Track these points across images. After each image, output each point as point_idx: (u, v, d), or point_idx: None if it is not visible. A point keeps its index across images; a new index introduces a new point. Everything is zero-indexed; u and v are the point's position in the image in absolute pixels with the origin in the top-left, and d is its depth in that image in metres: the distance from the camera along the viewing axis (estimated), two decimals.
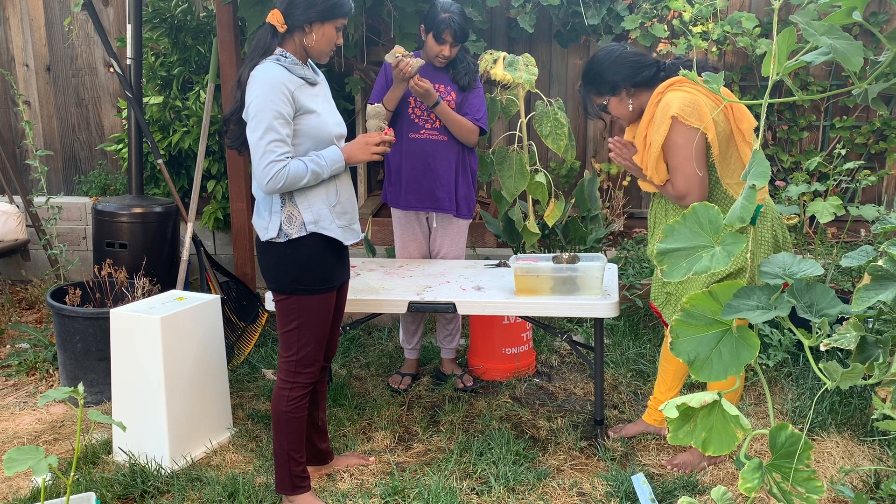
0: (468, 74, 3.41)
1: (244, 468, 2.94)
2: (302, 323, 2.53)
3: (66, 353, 3.51)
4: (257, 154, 2.37)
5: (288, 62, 2.45)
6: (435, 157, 3.41)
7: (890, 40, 1.63)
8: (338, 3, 2.46)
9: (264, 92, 2.36)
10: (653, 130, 2.69)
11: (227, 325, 3.80)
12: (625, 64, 2.74)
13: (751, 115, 2.72)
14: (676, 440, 1.54)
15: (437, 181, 3.43)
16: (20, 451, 1.78)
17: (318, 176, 2.44)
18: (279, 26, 2.45)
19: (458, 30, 3.27)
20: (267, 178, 2.37)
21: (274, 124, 2.36)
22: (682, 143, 2.61)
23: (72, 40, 5.27)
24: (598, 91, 2.81)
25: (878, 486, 2.66)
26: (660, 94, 2.71)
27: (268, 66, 2.42)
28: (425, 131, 3.40)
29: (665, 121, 2.62)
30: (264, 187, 2.40)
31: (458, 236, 3.59)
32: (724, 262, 1.49)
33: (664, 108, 2.64)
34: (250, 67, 2.45)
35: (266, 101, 2.36)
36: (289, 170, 2.38)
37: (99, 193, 5.27)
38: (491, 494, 2.75)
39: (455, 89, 3.41)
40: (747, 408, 3.35)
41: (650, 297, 3.02)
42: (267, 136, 2.36)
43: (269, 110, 2.35)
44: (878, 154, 4.66)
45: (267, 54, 2.46)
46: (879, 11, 4.50)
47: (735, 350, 1.53)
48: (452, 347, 3.72)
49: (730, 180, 2.70)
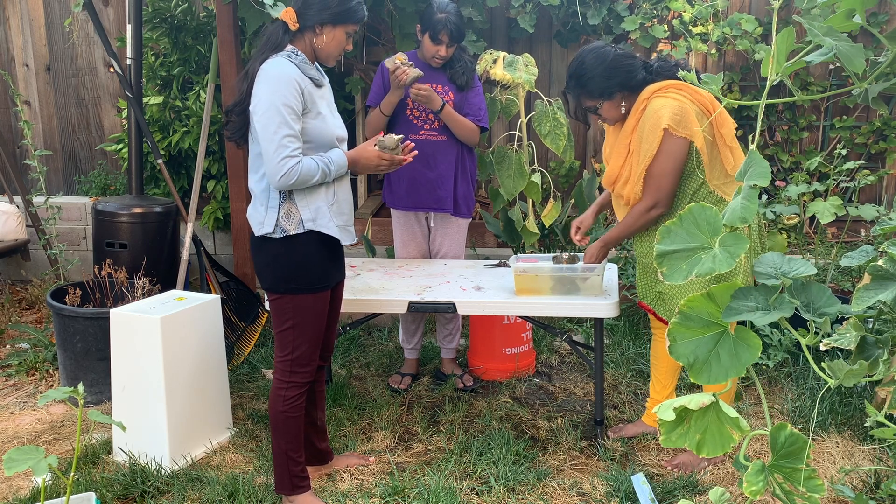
0: (466, 74, 3.40)
1: (244, 468, 2.94)
2: (297, 322, 2.53)
3: (66, 353, 3.51)
4: (271, 147, 2.35)
5: (299, 60, 2.45)
6: (435, 157, 3.41)
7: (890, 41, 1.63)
8: (351, 9, 2.47)
9: (278, 86, 2.35)
10: (641, 140, 2.69)
11: (227, 325, 3.80)
12: (620, 68, 2.73)
13: (731, 119, 2.74)
14: (669, 443, 1.53)
15: (437, 181, 3.43)
16: (20, 451, 1.78)
17: (325, 176, 2.45)
18: (291, 24, 2.45)
19: (454, 30, 3.27)
20: (280, 172, 2.35)
21: (287, 119, 2.35)
22: (669, 155, 2.64)
23: (72, 40, 5.27)
24: (591, 95, 2.79)
25: (878, 486, 2.66)
26: (645, 101, 2.72)
27: (280, 62, 2.41)
28: (424, 132, 3.40)
29: (657, 132, 2.63)
30: (276, 182, 2.38)
31: (458, 235, 3.59)
32: (727, 263, 1.47)
33: (654, 119, 2.64)
34: (260, 60, 2.44)
35: (279, 95, 2.34)
36: (301, 166, 2.38)
37: (99, 193, 5.27)
38: (491, 494, 2.75)
39: (453, 89, 3.41)
40: (747, 408, 3.35)
41: (638, 296, 3.03)
42: (281, 131, 2.34)
43: (281, 105, 2.34)
44: (878, 154, 4.66)
45: (277, 50, 2.46)
46: (879, 12, 4.50)
47: (734, 351, 1.52)
48: (452, 347, 3.72)
49: (717, 182, 2.73)
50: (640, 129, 2.70)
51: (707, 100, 2.71)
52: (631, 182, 2.76)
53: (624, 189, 2.81)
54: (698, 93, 2.70)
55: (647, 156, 2.66)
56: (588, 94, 2.79)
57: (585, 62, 2.77)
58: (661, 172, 2.67)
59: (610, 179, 2.88)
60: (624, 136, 2.79)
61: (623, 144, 2.80)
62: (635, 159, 2.74)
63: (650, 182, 2.70)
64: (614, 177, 2.85)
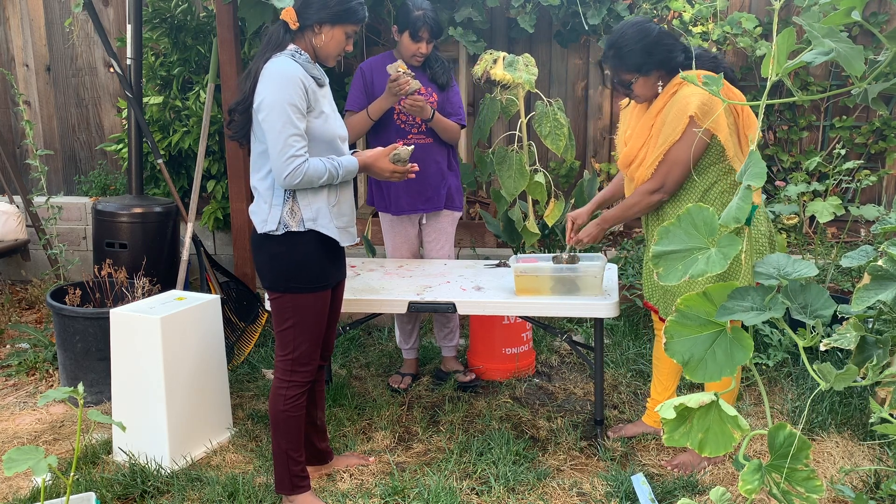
0: (445, 73, 3.44)
1: (244, 468, 2.95)
2: (297, 322, 2.53)
3: (66, 353, 3.51)
4: (277, 146, 2.37)
5: (303, 59, 2.47)
6: (424, 160, 3.41)
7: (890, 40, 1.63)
8: (350, 9, 2.48)
9: (282, 85, 2.37)
10: (664, 124, 2.66)
11: (227, 325, 3.80)
12: (661, 46, 2.68)
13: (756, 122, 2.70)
14: (672, 441, 1.53)
15: (427, 183, 3.45)
16: (20, 451, 1.78)
17: (332, 179, 2.47)
18: (291, 23, 2.46)
19: (433, 26, 3.28)
20: (287, 171, 2.37)
21: (292, 118, 2.37)
22: (689, 143, 2.61)
23: (72, 40, 5.27)
24: (627, 68, 2.73)
25: (878, 486, 2.66)
26: (676, 86, 2.68)
27: (284, 61, 2.42)
28: (413, 136, 3.41)
29: (682, 118, 2.61)
30: (282, 181, 2.40)
31: (450, 227, 3.61)
32: (720, 264, 1.49)
33: (682, 104, 2.61)
34: (263, 60, 2.46)
35: (285, 94, 2.36)
36: (308, 166, 2.40)
37: (99, 193, 5.27)
38: (491, 494, 2.75)
39: (435, 89, 3.43)
40: (747, 408, 3.35)
41: (644, 296, 3.02)
42: (287, 130, 2.36)
43: (287, 104, 2.36)
44: (878, 154, 4.66)
45: (279, 49, 2.48)
46: (879, 11, 4.50)
47: (729, 351, 1.53)
48: (452, 346, 3.72)
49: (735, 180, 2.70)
50: (666, 112, 2.68)
51: (737, 97, 2.67)
52: (644, 165, 2.74)
53: (637, 172, 2.79)
54: (731, 90, 2.67)
55: (668, 140, 2.64)
56: (625, 67, 2.73)
57: (626, 34, 2.71)
58: (676, 160, 2.65)
59: (627, 160, 2.84)
60: (648, 117, 2.76)
61: (646, 126, 2.76)
62: (654, 142, 2.71)
63: (662, 166, 2.68)
64: (632, 158, 2.81)
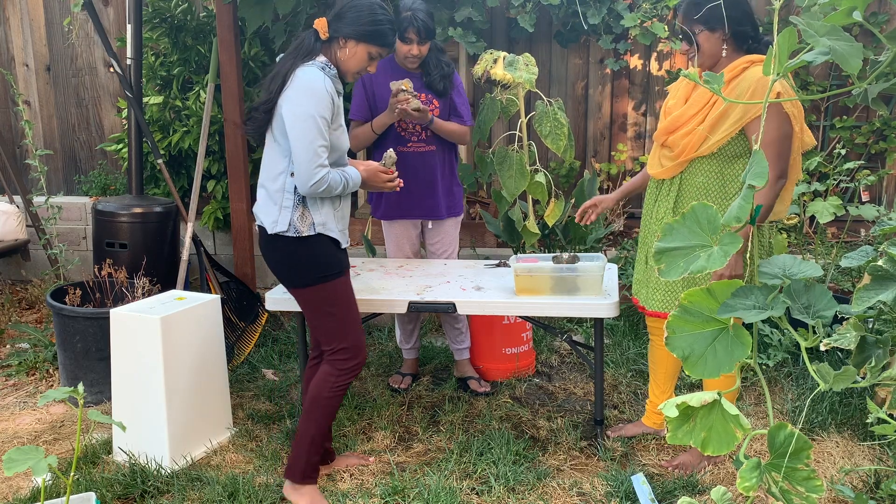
0: (443, 80, 3.37)
1: (244, 468, 2.95)
2: (335, 309, 2.62)
3: (66, 353, 3.51)
4: (308, 155, 2.45)
5: (332, 74, 2.53)
6: (424, 168, 3.41)
7: (890, 40, 1.63)
8: (380, 31, 2.54)
9: (317, 98, 2.45)
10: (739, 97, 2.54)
11: (227, 325, 3.81)
12: (739, 9, 2.60)
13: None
14: (676, 440, 1.54)
15: (427, 189, 3.44)
16: (20, 451, 1.78)
17: (345, 189, 2.59)
18: (322, 33, 2.54)
19: (422, 27, 3.21)
20: (313, 179, 2.46)
21: (322, 130, 2.47)
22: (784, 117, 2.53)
23: (72, 40, 5.27)
24: (700, 19, 2.62)
25: (878, 486, 2.66)
26: (746, 63, 2.60)
27: (316, 73, 2.48)
28: (413, 144, 3.40)
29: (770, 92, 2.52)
30: (307, 188, 2.47)
31: (454, 231, 3.61)
32: (720, 261, 1.49)
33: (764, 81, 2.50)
34: (293, 64, 2.51)
35: (316, 106, 2.45)
36: (330, 177, 2.50)
37: (99, 193, 5.27)
38: (491, 494, 2.75)
39: (434, 96, 3.39)
40: (747, 408, 3.35)
41: (632, 292, 3.02)
42: (317, 141, 2.46)
43: (318, 116, 2.45)
44: (878, 154, 4.66)
45: (309, 57, 2.53)
46: (880, 12, 4.50)
47: (729, 348, 1.53)
48: (465, 348, 3.70)
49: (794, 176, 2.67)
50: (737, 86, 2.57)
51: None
52: (694, 135, 2.65)
53: (682, 140, 2.70)
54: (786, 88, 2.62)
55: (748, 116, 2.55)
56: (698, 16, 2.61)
57: None
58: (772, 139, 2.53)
59: (672, 126, 2.75)
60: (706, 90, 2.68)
61: (704, 95, 2.67)
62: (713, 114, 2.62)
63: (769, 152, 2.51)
64: (679, 124, 2.73)
